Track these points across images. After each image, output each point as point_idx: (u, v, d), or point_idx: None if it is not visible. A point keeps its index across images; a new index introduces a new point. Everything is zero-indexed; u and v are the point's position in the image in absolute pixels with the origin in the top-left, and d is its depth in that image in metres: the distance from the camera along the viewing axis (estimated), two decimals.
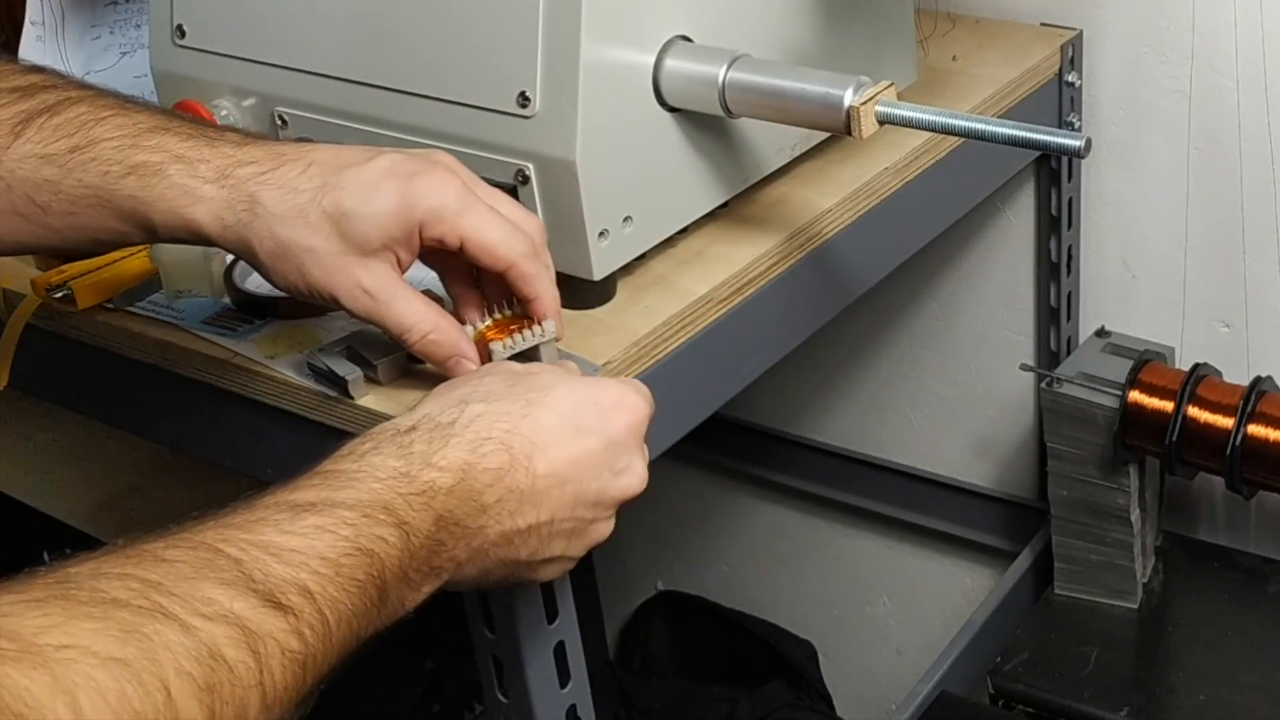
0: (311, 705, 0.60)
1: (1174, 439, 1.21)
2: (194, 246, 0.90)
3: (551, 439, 0.72)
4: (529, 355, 0.80)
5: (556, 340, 0.81)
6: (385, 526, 0.64)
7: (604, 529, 0.75)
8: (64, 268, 0.95)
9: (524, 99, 0.86)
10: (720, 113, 0.91)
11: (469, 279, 0.82)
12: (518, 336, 0.79)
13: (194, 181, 0.76)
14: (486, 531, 0.70)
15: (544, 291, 0.79)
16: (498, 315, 0.81)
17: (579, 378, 0.77)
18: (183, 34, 1.01)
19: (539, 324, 0.80)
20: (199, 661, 0.53)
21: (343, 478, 0.65)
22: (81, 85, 0.81)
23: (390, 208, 0.75)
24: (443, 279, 0.83)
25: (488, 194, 0.78)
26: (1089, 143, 0.83)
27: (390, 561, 0.64)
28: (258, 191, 0.76)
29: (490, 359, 0.79)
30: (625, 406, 0.75)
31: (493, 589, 0.74)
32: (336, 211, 0.75)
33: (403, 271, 0.78)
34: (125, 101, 0.80)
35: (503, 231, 0.77)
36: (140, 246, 0.95)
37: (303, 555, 0.60)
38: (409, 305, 0.77)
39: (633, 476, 0.75)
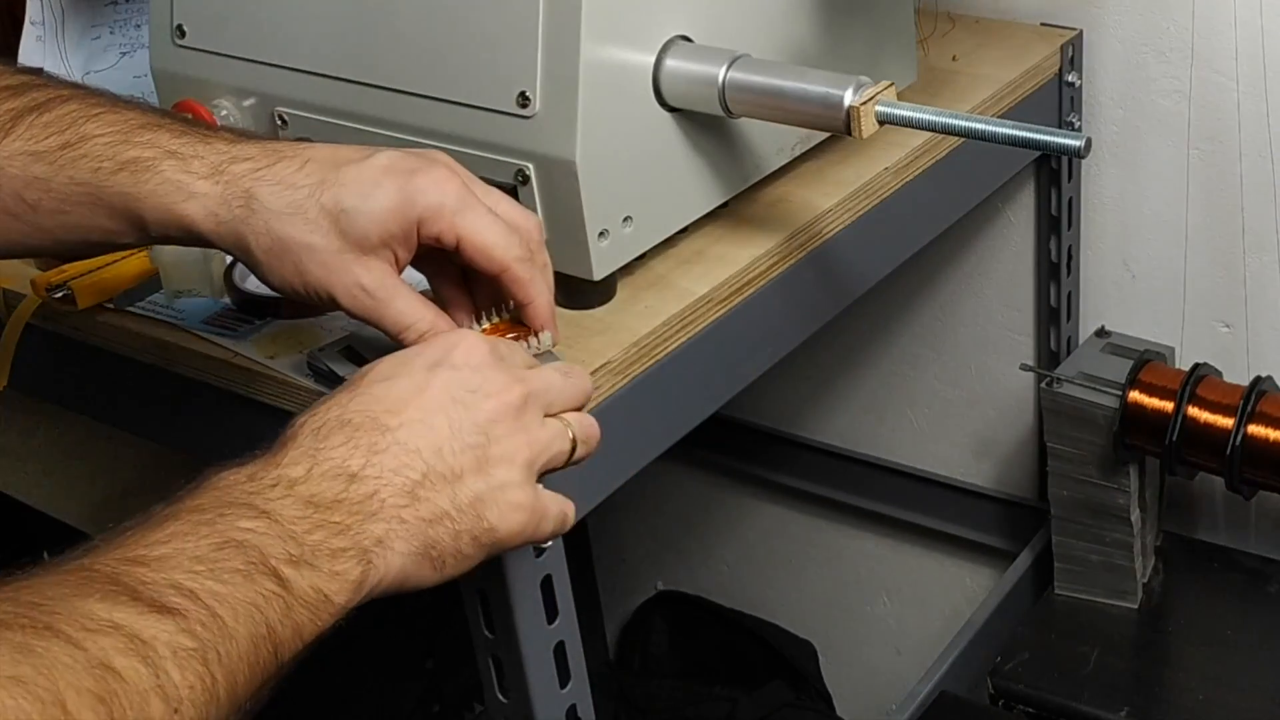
0: (260, 704, 0.60)
1: (1174, 439, 1.21)
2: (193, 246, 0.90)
3: (387, 397, 0.70)
4: None
5: (553, 346, 0.80)
6: (245, 518, 0.63)
7: (511, 446, 0.72)
8: (64, 268, 0.95)
9: (524, 99, 0.86)
10: (720, 113, 0.91)
11: (459, 283, 0.81)
12: None
13: (187, 177, 0.75)
14: (380, 496, 0.67)
15: (538, 297, 0.78)
16: (495, 320, 0.80)
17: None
18: (183, 34, 1.01)
19: (535, 335, 0.79)
20: (90, 674, 0.53)
21: (193, 492, 0.65)
22: (73, 85, 0.81)
23: (390, 204, 0.74)
24: (432, 282, 0.82)
25: (485, 194, 0.78)
26: (1089, 143, 0.83)
27: (269, 547, 0.63)
28: (254, 187, 0.75)
29: None
30: (454, 341, 0.74)
31: (458, 565, 0.70)
32: (336, 208, 0.74)
33: (400, 271, 0.77)
34: (117, 99, 0.79)
35: (499, 234, 0.76)
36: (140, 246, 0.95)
37: (173, 559, 0.60)
38: (407, 304, 0.76)
39: (495, 388, 0.72)
